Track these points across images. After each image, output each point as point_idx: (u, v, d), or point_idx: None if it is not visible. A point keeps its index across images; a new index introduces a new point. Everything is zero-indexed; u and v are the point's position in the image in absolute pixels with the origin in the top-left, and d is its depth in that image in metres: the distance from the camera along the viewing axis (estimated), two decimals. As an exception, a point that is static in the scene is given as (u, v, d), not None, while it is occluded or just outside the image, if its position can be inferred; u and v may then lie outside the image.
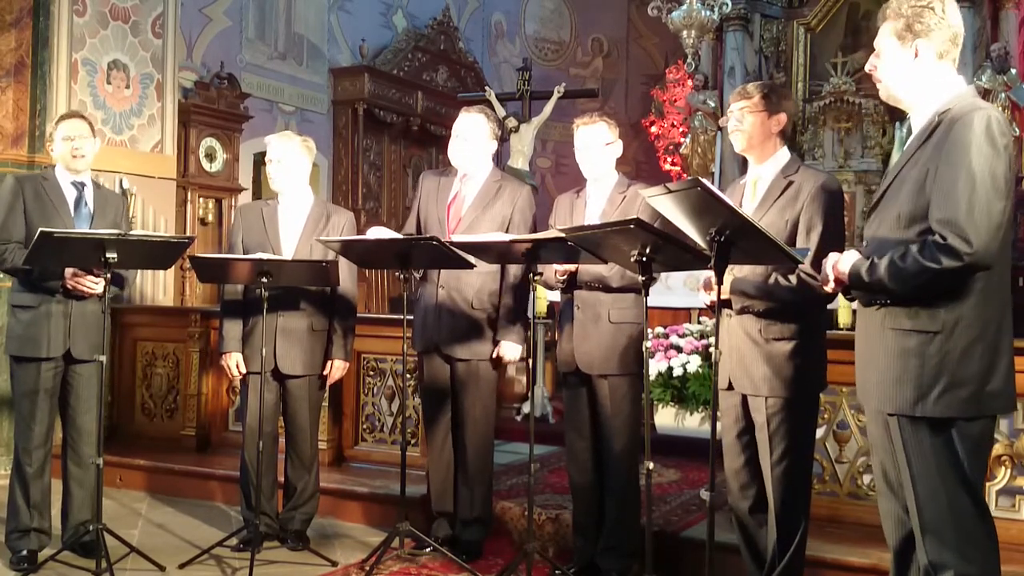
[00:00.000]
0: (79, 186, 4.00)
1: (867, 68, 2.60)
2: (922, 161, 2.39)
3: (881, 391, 2.45)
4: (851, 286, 2.48)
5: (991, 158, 2.29)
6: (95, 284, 3.81)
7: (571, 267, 3.65)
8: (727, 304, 3.06)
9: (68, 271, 3.78)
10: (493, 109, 8.06)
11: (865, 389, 2.55)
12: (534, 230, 3.97)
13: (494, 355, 3.99)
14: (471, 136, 4.00)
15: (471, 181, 4.05)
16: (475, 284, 3.96)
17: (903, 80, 2.51)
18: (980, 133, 2.29)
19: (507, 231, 3.96)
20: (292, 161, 4.12)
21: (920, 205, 2.36)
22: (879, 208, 2.53)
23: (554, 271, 3.71)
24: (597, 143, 3.71)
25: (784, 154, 3.18)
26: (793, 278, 2.97)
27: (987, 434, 2.44)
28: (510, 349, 3.98)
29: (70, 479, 3.99)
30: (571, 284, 3.72)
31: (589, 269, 3.62)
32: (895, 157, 2.68)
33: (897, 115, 9.97)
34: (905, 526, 2.53)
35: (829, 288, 2.56)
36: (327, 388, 4.40)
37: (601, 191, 3.76)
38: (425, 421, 4.22)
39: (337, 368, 4.20)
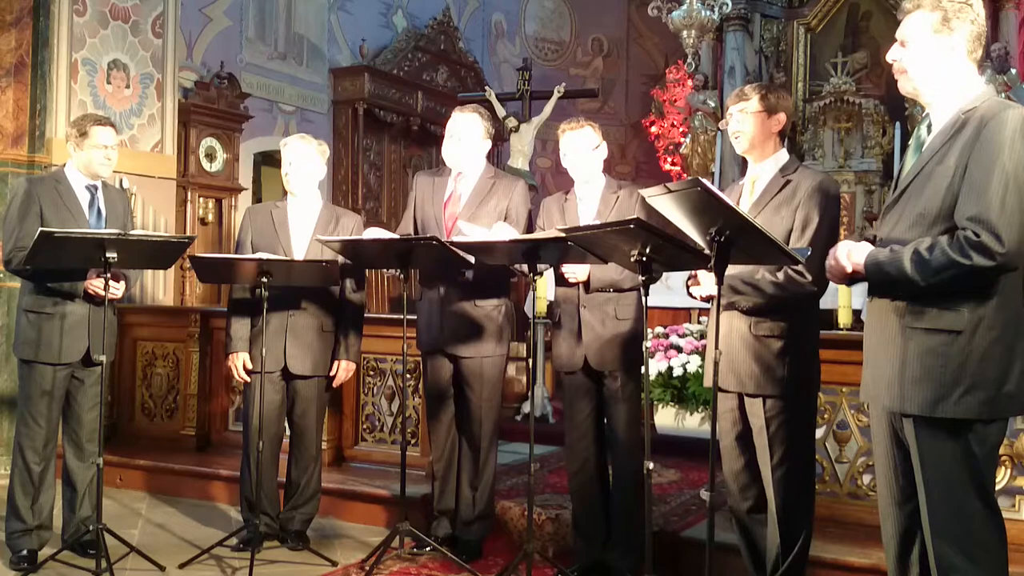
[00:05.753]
0: (92, 189, 4.01)
1: (889, 58, 2.52)
2: (949, 159, 2.34)
3: (896, 391, 2.40)
4: (869, 277, 2.41)
5: None
6: (117, 288, 3.83)
7: (583, 277, 3.64)
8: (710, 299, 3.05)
9: (91, 275, 3.78)
10: (492, 109, 8.07)
11: (875, 387, 2.49)
12: (530, 224, 3.99)
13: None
14: (465, 136, 4.00)
15: (465, 179, 4.05)
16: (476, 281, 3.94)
17: (932, 74, 2.44)
18: (1015, 132, 2.27)
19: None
20: (308, 165, 4.15)
21: (948, 203, 2.32)
22: (896, 206, 2.47)
23: (566, 279, 3.69)
24: (585, 147, 3.76)
25: (783, 154, 3.18)
26: (780, 274, 2.96)
27: (1001, 437, 2.42)
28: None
29: (73, 476, 3.99)
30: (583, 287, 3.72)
31: (602, 277, 3.63)
32: (910, 159, 2.59)
33: (897, 115, 9.98)
34: (903, 526, 2.52)
35: (849, 269, 2.42)
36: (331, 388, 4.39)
37: (592, 193, 3.80)
38: (429, 420, 4.21)
39: (344, 369, 4.20)
